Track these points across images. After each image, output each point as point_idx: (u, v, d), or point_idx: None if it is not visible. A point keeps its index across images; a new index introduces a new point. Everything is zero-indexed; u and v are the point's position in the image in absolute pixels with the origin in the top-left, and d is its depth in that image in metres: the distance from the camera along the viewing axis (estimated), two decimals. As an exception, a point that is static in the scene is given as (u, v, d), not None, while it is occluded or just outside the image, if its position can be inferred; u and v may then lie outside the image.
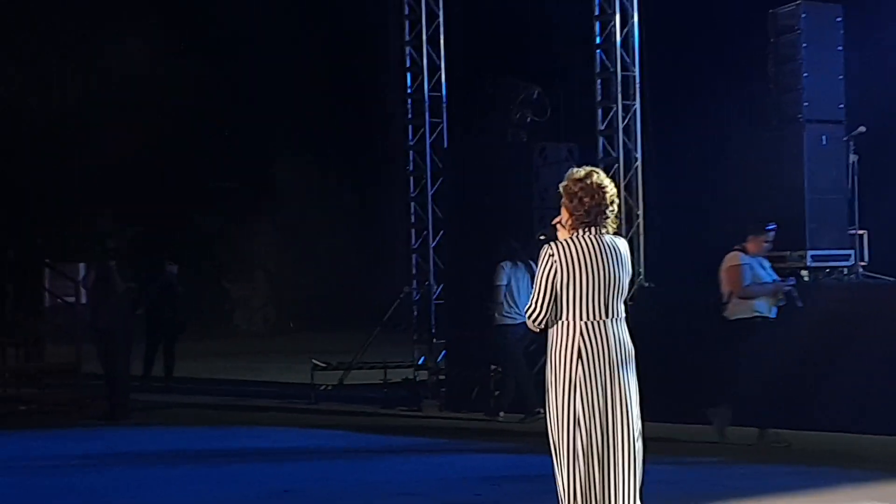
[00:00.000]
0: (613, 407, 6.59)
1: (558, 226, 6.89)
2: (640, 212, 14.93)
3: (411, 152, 16.88)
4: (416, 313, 16.80)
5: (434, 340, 16.42)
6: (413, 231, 16.89)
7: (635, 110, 14.92)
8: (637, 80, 14.92)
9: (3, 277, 18.65)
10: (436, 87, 16.74)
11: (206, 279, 30.74)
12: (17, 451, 12.79)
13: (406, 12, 16.69)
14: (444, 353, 16.14)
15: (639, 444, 6.65)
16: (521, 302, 13.99)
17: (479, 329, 14.81)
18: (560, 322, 6.68)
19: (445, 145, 16.71)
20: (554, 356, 6.66)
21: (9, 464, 11.93)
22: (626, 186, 14.78)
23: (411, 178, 16.91)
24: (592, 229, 6.70)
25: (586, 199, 6.72)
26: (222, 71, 28.77)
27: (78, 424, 14.93)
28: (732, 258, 12.05)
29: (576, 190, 6.76)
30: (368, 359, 16.94)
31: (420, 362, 16.55)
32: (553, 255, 6.71)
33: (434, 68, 16.69)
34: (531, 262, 14.49)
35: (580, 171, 6.82)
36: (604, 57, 14.90)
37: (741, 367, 11.86)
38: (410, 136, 16.87)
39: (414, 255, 16.89)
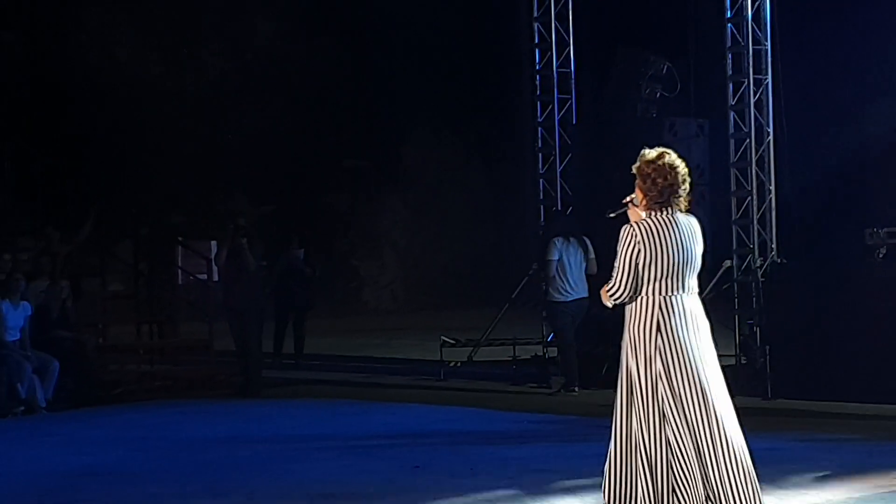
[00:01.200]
0: (698, 373, 6.90)
1: (630, 205, 7.19)
2: (772, 187, 14.73)
3: (540, 129, 16.82)
4: (545, 290, 16.74)
5: (563, 317, 16.34)
6: (542, 208, 16.84)
7: (767, 84, 14.71)
8: (769, 53, 14.70)
9: (138, 255, 18.95)
10: (564, 63, 16.65)
11: (336, 257, 31.00)
12: (154, 427, 13.03)
13: (534, -12, 16.62)
14: (573, 330, 16.07)
15: (730, 407, 6.93)
16: (571, 278, 14.41)
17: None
18: (640, 298, 7.01)
19: (574, 122, 16.63)
20: (634, 330, 7.02)
21: (147, 440, 12.16)
22: (757, 162, 14.60)
23: (540, 155, 16.86)
24: (667, 209, 7.04)
25: (659, 180, 7.03)
26: (353, 50, 28.94)
27: (212, 400, 15.17)
28: None
29: (649, 171, 7.06)
30: (497, 335, 16.95)
31: (549, 339, 16.51)
32: (636, 235, 7.02)
33: (563, 44, 16.61)
34: (585, 239, 14.65)
35: (652, 153, 7.12)
36: (735, 31, 14.70)
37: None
38: (539, 113, 16.82)
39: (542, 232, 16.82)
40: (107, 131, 25.89)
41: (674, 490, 6.97)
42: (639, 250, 7.02)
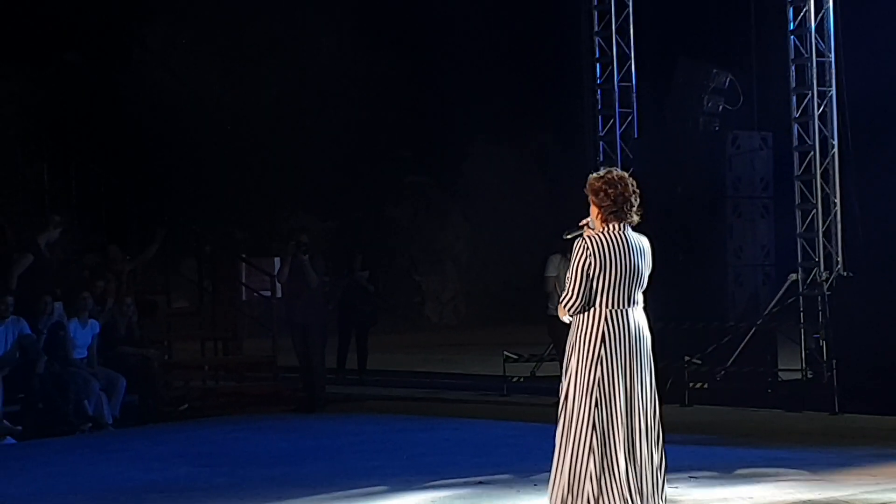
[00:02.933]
0: (632, 387, 7.31)
1: (586, 228, 7.50)
2: (837, 200, 14.62)
3: (601, 143, 16.79)
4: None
5: (627, 332, 16.25)
6: (604, 222, 16.75)
7: (831, 97, 14.62)
8: (832, 65, 14.60)
9: (202, 272, 19.05)
10: (625, 76, 16.62)
11: (398, 272, 31.04)
12: (219, 443, 13.09)
13: (595, 3, 16.60)
14: (637, 344, 16.00)
15: (657, 422, 7.36)
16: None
17: (673, 319, 14.72)
18: (588, 309, 7.36)
19: (636, 135, 16.58)
20: (579, 339, 7.38)
21: (212, 456, 12.22)
22: (822, 174, 14.50)
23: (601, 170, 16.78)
24: (620, 224, 7.37)
25: (611, 191, 7.35)
26: (414, 65, 29.01)
27: (276, 416, 15.22)
28: None
29: (599, 185, 7.40)
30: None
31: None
32: (588, 248, 7.35)
33: (624, 58, 16.58)
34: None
35: (601, 171, 7.52)
36: (798, 42, 14.63)
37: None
38: (601, 127, 16.78)
39: (605, 247, 16.76)
40: (170, 149, 26.11)
41: (591, 495, 7.28)
42: (590, 263, 7.33)
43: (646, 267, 7.48)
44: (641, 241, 7.49)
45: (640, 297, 7.45)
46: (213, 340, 17.82)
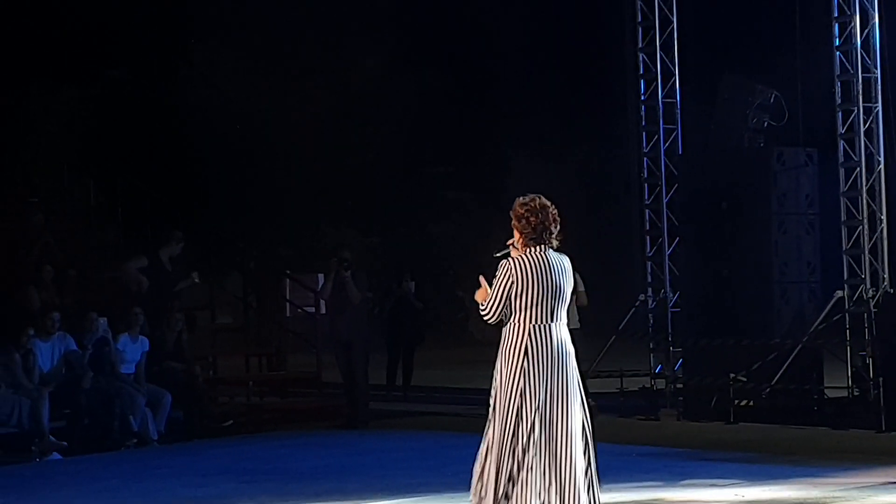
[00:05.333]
0: (553, 397, 7.77)
1: (512, 247, 8.00)
2: (884, 216, 14.52)
3: (645, 159, 16.75)
4: (651, 321, 16.66)
5: (671, 348, 16.24)
6: (648, 238, 16.76)
7: (877, 113, 14.53)
8: (878, 81, 14.52)
9: (247, 288, 19.14)
10: (670, 93, 16.57)
11: (442, 289, 31.04)
12: (264, 459, 13.11)
13: (640, 19, 16.57)
14: (680, 361, 15.98)
15: (578, 429, 7.80)
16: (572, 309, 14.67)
17: (718, 337, 14.68)
18: (511, 323, 7.92)
19: (680, 152, 16.53)
20: (505, 352, 7.93)
21: (257, 472, 12.25)
22: (868, 191, 14.41)
23: (646, 186, 16.78)
24: (541, 246, 7.91)
25: (532, 219, 7.90)
26: (458, 81, 29.04)
27: (320, 432, 15.24)
28: None
29: (522, 212, 7.95)
30: (604, 367, 16.86)
31: (657, 371, 16.40)
32: (510, 269, 7.90)
33: (668, 74, 16.53)
34: (574, 273, 14.66)
35: (526, 197, 8.02)
36: (843, 58, 14.55)
37: None
38: (645, 143, 16.74)
39: (649, 263, 16.75)
40: (214, 166, 26.22)
41: (507, 498, 7.77)
42: (512, 283, 7.88)
43: (567, 285, 8.00)
44: (563, 261, 8.02)
45: (563, 313, 7.97)
46: (257, 356, 17.89)
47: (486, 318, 8.05)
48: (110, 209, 20.40)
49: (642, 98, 16.70)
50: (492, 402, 7.95)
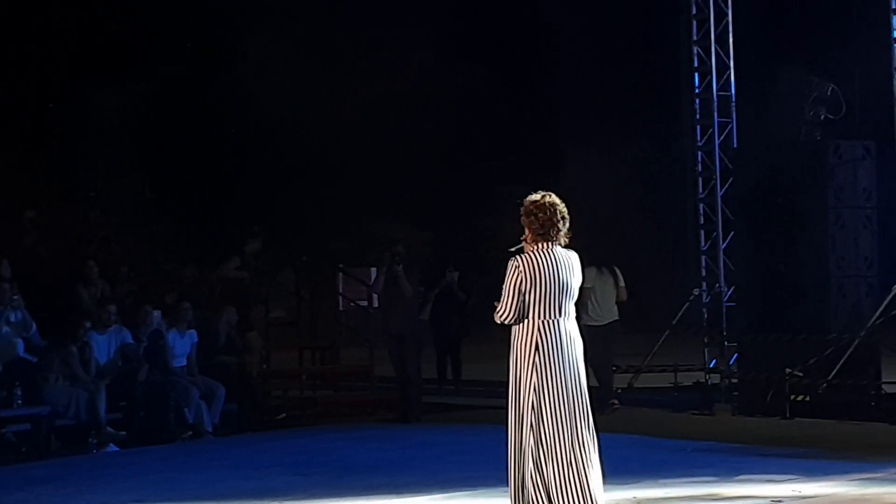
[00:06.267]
0: (567, 389, 8.06)
1: (525, 242, 8.29)
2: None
3: (700, 153, 16.66)
4: (706, 316, 16.57)
5: (725, 343, 16.16)
6: (702, 233, 16.67)
7: (936, 105, 14.39)
8: (936, 74, 14.39)
9: (300, 282, 19.19)
10: (724, 86, 16.47)
11: (495, 283, 30.98)
12: (317, 452, 13.14)
13: (694, 12, 16.48)
14: (735, 356, 15.89)
15: (588, 423, 8.12)
16: (603, 305, 15.46)
17: (774, 331, 14.58)
18: (523, 320, 8.15)
19: (735, 145, 16.43)
20: (517, 348, 8.21)
21: (311, 465, 12.29)
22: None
23: (700, 179, 16.69)
24: (549, 243, 8.18)
25: (541, 215, 8.19)
26: (511, 74, 28.99)
27: (373, 426, 15.27)
28: None
29: (532, 209, 8.24)
30: (658, 362, 16.80)
31: (711, 365, 16.32)
32: (518, 266, 8.19)
33: (723, 67, 16.43)
34: (615, 269, 15.87)
35: (536, 195, 8.31)
36: (901, 51, 14.42)
37: None
38: (699, 137, 16.65)
39: (703, 257, 16.67)
40: (268, 160, 26.32)
41: (533, 492, 8.11)
42: (521, 279, 8.14)
43: (575, 281, 8.24)
44: (570, 257, 8.27)
45: (571, 308, 8.23)
46: (310, 350, 17.94)
47: (503, 318, 8.25)
48: (164, 204, 20.55)
49: (697, 91, 16.61)
50: (508, 400, 8.27)
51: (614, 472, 11.13)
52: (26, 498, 11.03)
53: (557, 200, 8.28)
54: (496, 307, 8.31)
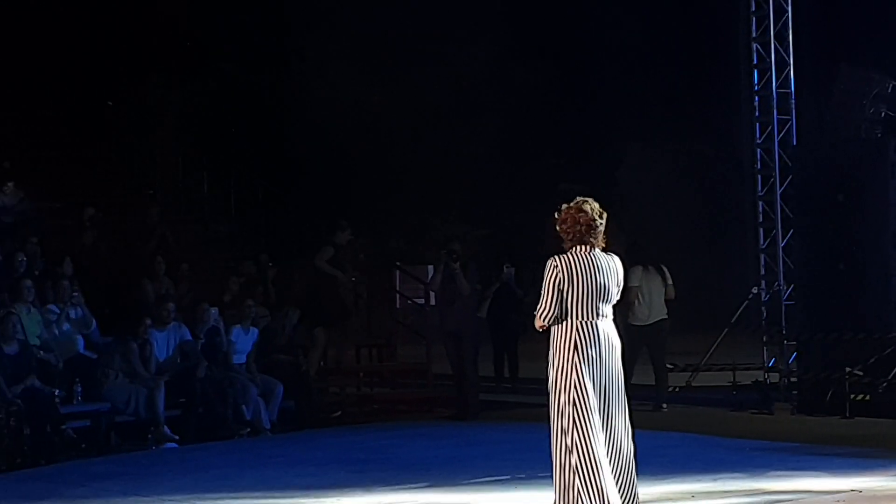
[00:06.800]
0: (605, 387, 8.34)
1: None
2: None
3: (759, 150, 16.56)
4: (765, 314, 16.48)
5: (785, 342, 16.05)
6: (761, 230, 16.57)
7: None
8: None
9: (358, 280, 19.23)
10: (784, 83, 16.37)
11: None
12: (374, 450, 13.16)
13: (753, 8, 16.37)
14: (794, 354, 15.77)
15: (626, 420, 8.40)
16: (650, 303, 15.56)
17: (834, 330, 14.46)
18: (562, 321, 8.38)
19: (794, 142, 16.31)
20: (556, 348, 8.42)
21: (368, 462, 12.31)
22: None
23: (759, 177, 16.59)
24: (585, 246, 8.43)
25: (569, 220, 8.51)
26: (569, 71, 28.94)
27: (430, 423, 15.28)
28: None
29: (564, 217, 8.56)
30: (717, 360, 16.71)
31: (770, 364, 16.22)
32: (557, 265, 8.43)
33: (782, 64, 16.33)
34: (662, 267, 15.90)
35: (572, 203, 8.61)
36: (964, 47, 14.27)
37: None
38: (758, 134, 16.55)
39: (762, 255, 16.58)
40: (325, 158, 26.41)
41: (579, 490, 8.27)
42: (560, 277, 8.38)
43: (613, 284, 8.46)
44: (610, 261, 8.50)
45: (608, 310, 8.45)
46: (367, 347, 17.97)
47: (544, 317, 8.42)
48: (223, 201, 20.65)
49: (756, 88, 16.52)
50: (550, 399, 8.47)
51: (672, 470, 11.14)
52: (87, 493, 11.11)
53: (588, 208, 8.53)
54: (535, 314, 8.51)
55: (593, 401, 8.29)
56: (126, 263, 16.41)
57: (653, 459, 11.77)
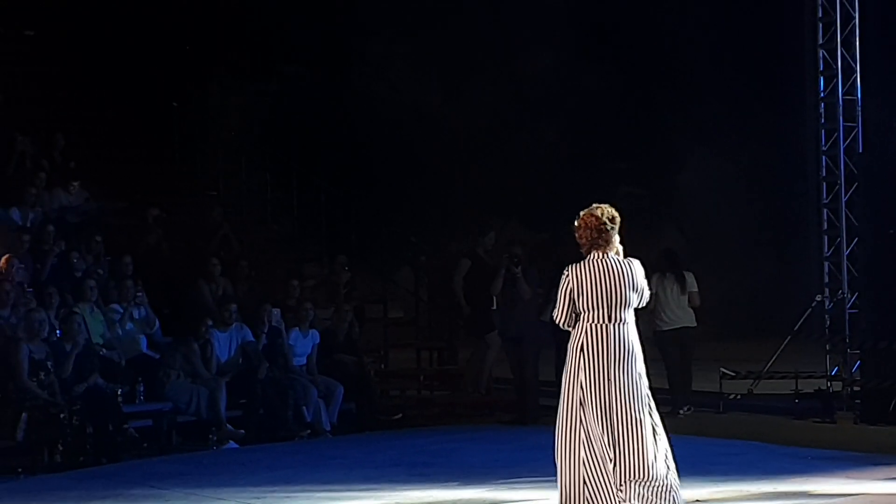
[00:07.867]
0: (610, 391, 8.64)
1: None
2: None
3: (824, 158, 16.42)
4: (828, 322, 16.33)
5: (848, 350, 15.92)
6: (826, 238, 16.44)
7: None
8: None
9: (418, 282, 19.27)
10: (850, 90, 16.22)
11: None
12: (435, 453, 13.16)
13: (820, 15, 16.25)
14: (858, 363, 15.63)
15: (644, 420, 8.70)
16: (668, 310, 15.67)
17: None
18: (576, 325, 8.81)
19: (860, 150, 16.17)
20: (568, 350, 8.84)
21: (428, 465, 12.31)
22: None
23: (824, 184, 16.46)
24: (600, 252, 8.83)
25: (583, 226, 8.92)
26: (631, 76, 28.84)
27: (490, 427, 15.27)
28: None
29: (579, 223, 8.95)
30: (779, 368, 16.59)
31: (833, 373, 16.09)
32: (568, 274, 8.87)
33: (849, 71, 16.18)
34: (685, 274, 16.01)
35: (590, 209, 9.00)
36: None
37: None
38: (823, 141, 16.42)
39: (826, 263, 16.44)
40: (387, 160, 26.46)
41: (585, 483, 8.64)
42: (571, 287, 8.82)
43: (630, 289, 8.81)
44: (626, 266, 8.88)
45: (624, 314, 8.78)
46: (428, 350, 17.99)
47: (559, 321, 8.89)
48: (286, 203, 20.73)
49: (822, 95, 16.38)
50: (560, 398, 8.86)
51: (733, 477, 11.08)
52: (148, 493, 11.20)
53: (599, 212, 8.93)
54: (554, 312, 8.96)
55: (598, 401, 8.63)
56: (188, 264, 16.50)
57: (712, 466, 11.75)
